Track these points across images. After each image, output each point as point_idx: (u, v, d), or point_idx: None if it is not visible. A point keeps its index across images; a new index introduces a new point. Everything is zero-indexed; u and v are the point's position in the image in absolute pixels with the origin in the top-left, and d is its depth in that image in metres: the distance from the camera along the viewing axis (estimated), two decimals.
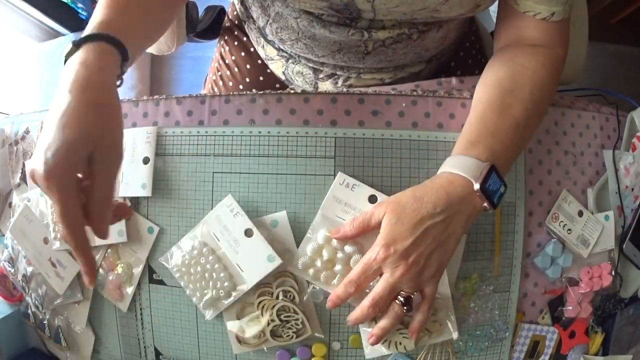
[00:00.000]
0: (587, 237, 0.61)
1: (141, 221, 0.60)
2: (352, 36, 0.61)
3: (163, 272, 0.60)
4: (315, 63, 0.70)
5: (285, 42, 0.68)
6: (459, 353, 0.59)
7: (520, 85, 0.54)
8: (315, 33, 0.63)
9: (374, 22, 0.60)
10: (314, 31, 0.62)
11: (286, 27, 0.65)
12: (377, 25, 0.61)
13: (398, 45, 0.63)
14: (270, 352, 0.58)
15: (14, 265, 0.70)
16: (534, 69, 0.55)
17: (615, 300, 0.65)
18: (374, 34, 0.61)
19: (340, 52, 0.65)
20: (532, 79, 0.55)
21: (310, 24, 0.61)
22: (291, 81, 0.77)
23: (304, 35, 0.64)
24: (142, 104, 0.61)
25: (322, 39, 0.63)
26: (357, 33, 0.61)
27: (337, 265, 0.54)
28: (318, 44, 0.65)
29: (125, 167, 0.60)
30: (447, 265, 0.51)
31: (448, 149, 0.57)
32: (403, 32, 0.61)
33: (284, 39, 0.68)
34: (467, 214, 0.50)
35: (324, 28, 0.61)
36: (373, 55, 0.65)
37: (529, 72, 0.55)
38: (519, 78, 0.55)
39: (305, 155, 0.57)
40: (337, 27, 0.61)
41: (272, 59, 0.76)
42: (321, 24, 0.61)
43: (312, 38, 0.64)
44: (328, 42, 0.64)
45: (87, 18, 1.68)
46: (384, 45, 0.63)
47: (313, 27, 0.62)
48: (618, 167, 0.63)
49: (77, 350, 0.66)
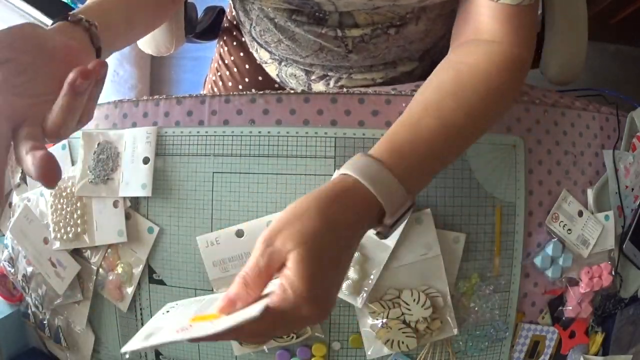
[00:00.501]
0: (587, 237, 0.61)
1: (141, 221, 0.60)
2: (326, 34, 0.61)
3: (163, 272, 0.60)
4: (304, 65, 0.70)
5: (270, 45, 0.69)
6: (459, 353, 0.59)
7: (465, 87, 0.47)
8: (294, 32, 0.63)
9: (344, 17, 0.60)
10: (292, 31, 0.62)
11: (267, 29, 0.65)
12: (348, 23, 0.60)
13: (378, 40, 0.62)
14: (270, 352, 0.58)
15: (14, 265, 0.70)
16: (485, 70, 0.48)
17: (615, 300, 0.65)
18: (348, 32, 0.61)
19: (322, 51, 0.64)
20: (483, 81, 0.47)
21: (285, 24, 0.62)
22: (286, 83, 0.77)
23: (284, 36, 0.64)
24: (142, 104, 0.61)
25: (302, 39, 0.63)
26: (330, 31, 0.60)
27: None
28: (299, 44, 0.64)
29: (125, 167, 0.60)
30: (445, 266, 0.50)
31: None
32: (377, 27, 0.60)
33: (268, 41, 0.68)
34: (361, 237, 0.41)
35: (298, 27, 0.61)
36: (355, 52, 0.64)
37: (480, 74, 0.48)
38: (465, 80, 0.47)
39: (305, 155, 0.57)
40: (309, 26, 0.61)
41: (265, 62, 0.76)
42: (295, 24, 0.61)
43: (292, 39, 0.64)
44: (308, 42, 0.63)
45: None
46: (364, 41, 0.62)
47: (289, 27, 0.61)
48: (618, 167, 0.63)
49: (77, 350, 0.66)
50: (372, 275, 0.55)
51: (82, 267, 0.62)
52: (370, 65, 0.68)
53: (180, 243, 0.59)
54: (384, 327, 0.55)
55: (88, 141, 0.61)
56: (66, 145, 0.63)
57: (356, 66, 0.68)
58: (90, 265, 0.62)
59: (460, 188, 0.57)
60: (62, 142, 0.64)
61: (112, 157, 0.61)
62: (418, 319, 0.55)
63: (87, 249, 0.62)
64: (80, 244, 0.62)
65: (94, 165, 0.61)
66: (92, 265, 0.62)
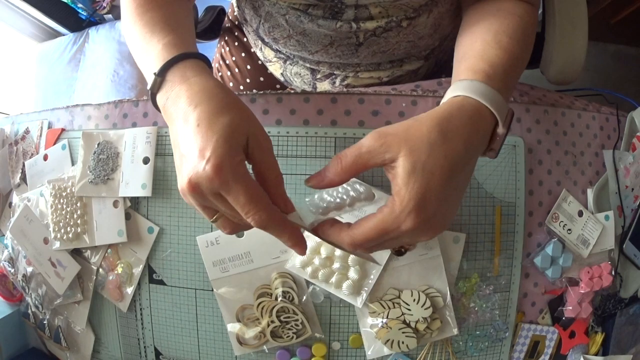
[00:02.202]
0: (587, 237, 0.61)
1: (141, 221, 0.60)
2: (340, 28, 0.61)
3: (163, 272, 0.60)
4: (311, 63, 0.70)
5: (278, 41, 0.69)
6: (459, 353, 0.59)
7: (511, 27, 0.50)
8: (305, 28, 0.63)
9: (360, 11, 0.60)
10: (303, 27, 0.62)
11: (277, 25, 0.65)
12: (363, 16, 0.61)
13: (389, 33, 0.63)
14: (270, 352, 0.58)
15: (14, 265, 0.70)
16: (520, 15, 0.52)
17: (615, 300, 0.65)
18: (362, 25, 0.61)
19: (332, 45, 0.65)
20: (520, 23, 0.51)
21: (298, 19, 0.62)
22: (290, 82, 0.77)
23: (295, 31, 0.64)
24: (142, 104, 0.61)
25: (313, 34, 0.63)
26: (345, 25, 0.61)
27: (335, 263, 0.54)
28: (309, 39, 0.64)
29: (125, 167, 0.60)
30: (445, 266, 0.51)
31: None
32: (391, 19, 0.61)
33: (276, 37, 0.68)
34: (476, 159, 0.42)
35: (312, 22, 0.61)
36: (366, 46, 0.64)
37: (516, 17, 0.51)
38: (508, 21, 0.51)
39: (305, 155, 0.57)
40: (324, 20, 0.61)
41: (270, 60, 0.76)
42: (308, 19, 0.61)
43: (303, 34, 0.64)
44: (319, 37, 0.63)
45: (86, 18, 1.69)
46: (375, 34, 0.63)
47: (301, 22, 0.62)
48: (618, 167, 0.63)
49: (77, 350, 0.66)
50: (372, 275, 0.55)
51: (82, 267, 0.62)
52: (378, 63, 0.68)
53: (180, 243, 0.59)
54: (384, 327, 0.55)
55: (88, 141, 0.61)
56: (66, 145, 0.63)
57: (364, 63, 0.68)
58: (90, 265, 0.62)
59: None
60: (62, 142, 0.64)
61: (112, 157, 0.61)
62: (418, 319, 0.55)
63: (87, 249, 0.62)
64: (80, 244, 0.62)
65: (94, 165, 0.61)
66: (92, 265, 0.62)
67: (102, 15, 1.68)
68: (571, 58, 0.73)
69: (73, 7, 1.65)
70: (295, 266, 0.56)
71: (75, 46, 1.66)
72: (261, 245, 0.57)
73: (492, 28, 0.50)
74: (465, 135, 0.39)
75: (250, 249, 0.57)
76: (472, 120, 0.41)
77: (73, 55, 1.66)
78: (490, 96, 0.42)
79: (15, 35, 1.65)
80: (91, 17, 1.69)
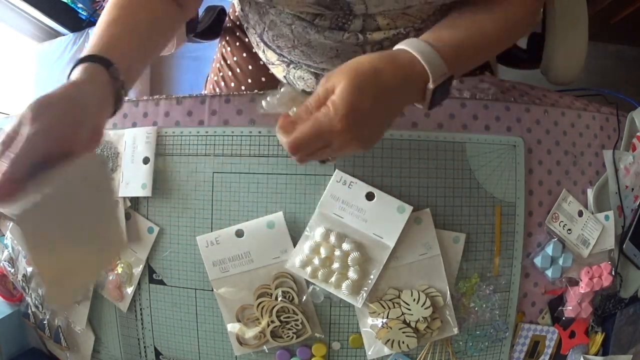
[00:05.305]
0: (587, 237, 0.61)
1: (141, 221, 0.60)
2: (347, 40, 0.61)
3: (163, 272, 0.60)
4: (316, 69, 0.70)
5: (282, 50, 0.68)
6: (459, 353, 0.59)
7: (494, 12, 0.54)
8: (310, 40, 0.62)
9: (367, 21, 0.60)
10: (308, 38, 0.62)
11: (281, 35, 0.65)
12: (371, 27, 0.60)
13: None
14: (270, 352, 0.58)
15: (14, 265, 0.70)
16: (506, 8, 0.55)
17: (615, 300, 0.65)
18: (369, 36, 0.61)
19: (338, 57, 0.64)
20: (505, 13, 0.54)
21: (304, 30, 0.61)
22: (292, 85, 0.77)
23: (300, 42, 0.64)
24: (142, 104, 0.61)
25: (318, 46, 0.63)
26: (352, 36, 0.61)
27: (335, 263, 0.54)
28: (314, 50, 0.64)
29: (125, 167, 0.60)
30: (445, 266, 0.50)
31: (448, 149, 0.57)
32: (399, 31, 0.61)
33: (280, 46, 0.68)
34: (405, 102, 0.49)
35: (318, 34, 0.61)
36: None
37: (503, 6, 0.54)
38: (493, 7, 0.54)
39: None
40: (330, 31, 0.60)
41: (272, 63, 0.76)
42: (315, 30, 0.61)
43: (308, 45, 0.64)
44: (324, 49, 0.63)
45: (86, 18, 1.68)
46: (382, 47, 0.63)
47: (307, 33, 0.61)
48: (618, 167, 0.63)
49: (77, 350, 0.66)
50: (372, 275, 0.55)
51: None
52: None
53: (180, 243, 0.59)
54: (384, 327, 0.55)
55: None
56: None
57: None
58: None
59: (460, 188, 0.57)
60: None
61: (112, 157, 0.61)
62: (418, 318, 0.55)
63: None
64: None
65: None
66: None
67: None
68: (571, 58, 0.73)
69: (73, 7, 1.65)
70: (295, 266, 0.56)
71: (75, 46, 1.66)
72: (261, 245, 0.57)
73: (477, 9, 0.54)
74: (398, 78, 0.45)
75: (250, 249, 0.57)
76: (404, 68, 0.46)
77: (73, 55, 1.66)
78: (426, 53, 0.47)
79: (14, 35, 1.64)
80: (91, 17, 1.69)
